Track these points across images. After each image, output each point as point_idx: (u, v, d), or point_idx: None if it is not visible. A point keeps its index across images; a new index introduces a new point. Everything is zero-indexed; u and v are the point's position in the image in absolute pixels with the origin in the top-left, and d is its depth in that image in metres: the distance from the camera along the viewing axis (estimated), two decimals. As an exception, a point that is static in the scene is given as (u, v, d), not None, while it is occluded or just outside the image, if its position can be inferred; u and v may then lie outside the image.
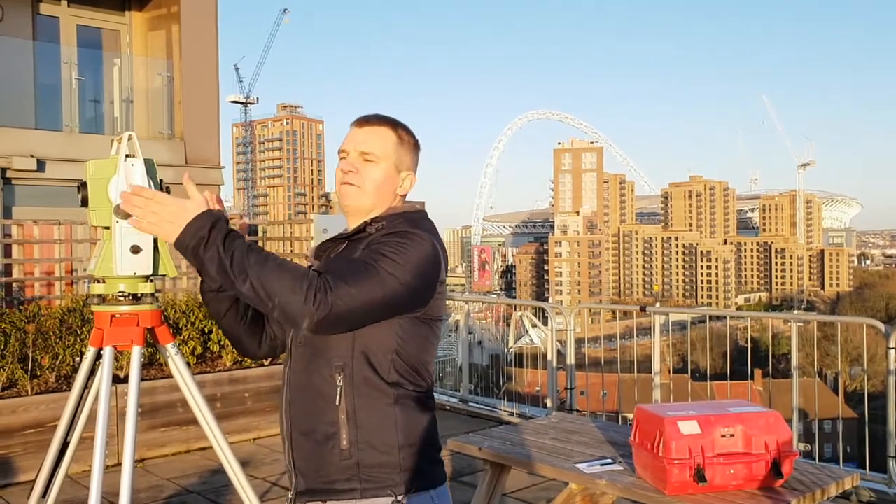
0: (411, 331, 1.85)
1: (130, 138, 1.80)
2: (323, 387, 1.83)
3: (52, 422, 5.63)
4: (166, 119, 11.77)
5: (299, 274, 1.68)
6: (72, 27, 11.62)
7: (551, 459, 3.35)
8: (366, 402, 1.82)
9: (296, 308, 1.65)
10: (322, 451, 1.84)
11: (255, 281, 1.65)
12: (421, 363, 1.89)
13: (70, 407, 1.86)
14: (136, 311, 1.81)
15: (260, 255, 1.69)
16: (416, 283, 1.79)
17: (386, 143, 1.94)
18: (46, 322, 6.22)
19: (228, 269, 1.66)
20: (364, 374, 1.82)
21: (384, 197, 1.94)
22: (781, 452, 2.82)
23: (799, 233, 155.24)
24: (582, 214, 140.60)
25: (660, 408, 3.04)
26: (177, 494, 5.30)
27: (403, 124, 2.00)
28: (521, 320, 41.77)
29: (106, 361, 1.77)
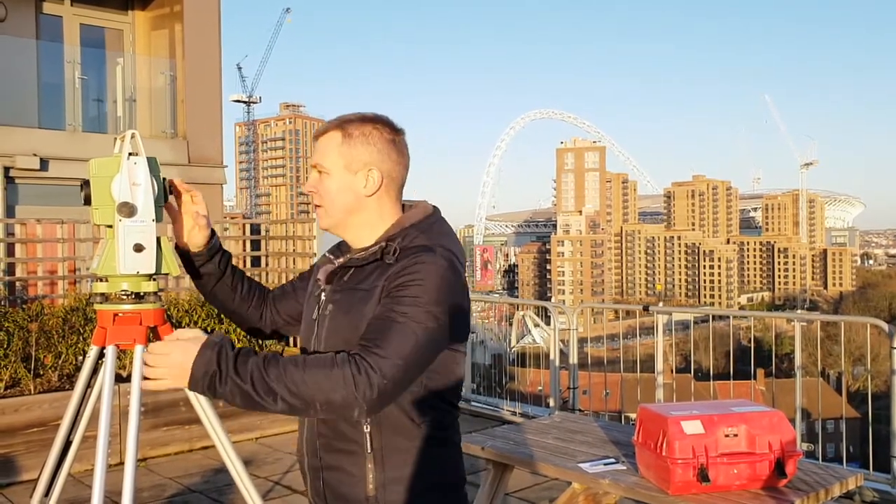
0: (439, 361, 1.73)
1: (133, 136, 1.79)
2: (347, 429, 1.74)
3: (55, 420, 5.64)
4: (169, 118, 11.78)
5: (327, 366, 1.58)
6: (75, 26, 11.64)
7: (554, 459, 3.34)
8: (393, 446, 1.73)
9: (341, 404, 1.57)
10: (348, 492, 1.76)
11: (286, 396, 1.56)
12: (450, 391, 1.80)
13: (73, 406, 1.86)
14: (139, 309, 1.80)
15: (278, 366, 1.58)
16: (446, 318, 1.68)
17: (331, 149, 1.79)
18: (49, 321, 6.23)
19: (254, 396, 1.56)
20: (393, 417, 1.72)
21: (348, 206, 1.80)
22: (785, 452, 2.81)
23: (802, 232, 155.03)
24: (584, 214, 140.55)
25: (663, 407, 3.04)
26: (179, 493, 5.30)
27: (358, 117, 1.81)
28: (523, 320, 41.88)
29: (109, 360, 1.76)
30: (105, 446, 1.74)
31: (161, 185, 1.83)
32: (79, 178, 7.94)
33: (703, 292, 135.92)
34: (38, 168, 10.00)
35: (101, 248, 1.81)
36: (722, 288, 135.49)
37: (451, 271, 1.71)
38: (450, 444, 1.82)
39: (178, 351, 1.60)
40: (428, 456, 1.75)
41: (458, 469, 1.85)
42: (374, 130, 1.80)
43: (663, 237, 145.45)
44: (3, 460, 5.41)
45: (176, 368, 1.59)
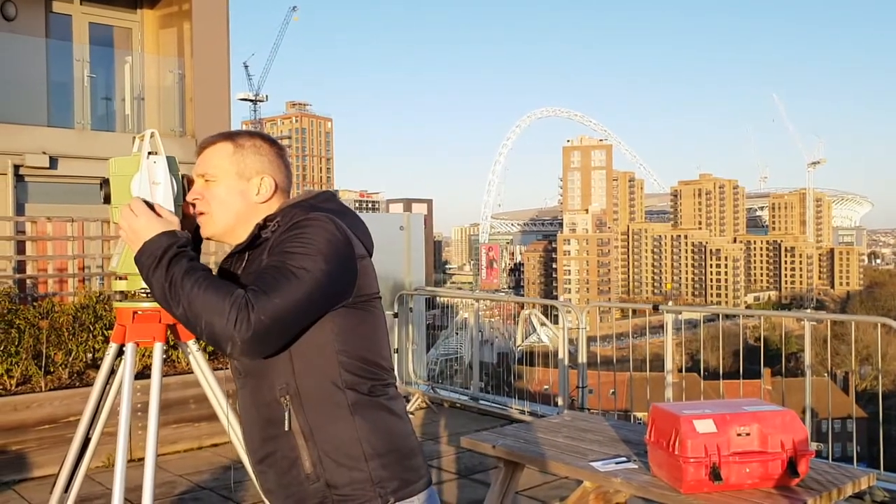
0: (348, 321, 1.74)
1: (153, 136, 1.81)
2: (272, 413, 1.75)
3: (66, 417, 5.67)
4: (178, 116, 11.82)
5: (225, 293, 1.61)
6: (84, 25, 11.68)
7: (565, 458, 3.35)
8: (321, 418, 1.73)
9: (219, 329, 1.59)
10: (287, 478, 1.76)
11: (185, 303, 1.61)
12: (371, 351, 1.78)
13: (92, 403, 1.88)
14: (158, 307, 1.82)
15: (194, 276, 1.64)
16: (333, 268, 1.68)
17: (221, 157, 1.83)
18: (59, 318, 6.25)
19: (166, 291, 1.63)
20: (313, 387, 1.72)
21: (239, 212, 1.83)
22: (797, 451, 2.81)
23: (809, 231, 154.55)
24: (591, 212, 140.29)
25: (675, 406, 3.04)
26: (189, 490, 5.32)
27: (246, 131, 1.90)
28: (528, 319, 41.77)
29: (128, 357, 1.78)
30: (125, 442, 1.76)
31: (180, 184, 1.84)
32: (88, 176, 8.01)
33: (709, 291, 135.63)
34: (48, 166, 10.04)
35: (121, 246, 1.83)
36: (728, 287, 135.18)
37: (337, 230, 1.72)
38: (384, 410, 1.79)
39: (144, 221, 1.72)
40: (360, 423, 1.74)
41: (400, 436, 1.81)
42: (264, 143, 1.88)
43: (670, 236, 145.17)
44: (15, 457, 5.44)
45: (134, 233, 1.72)
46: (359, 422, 1.75)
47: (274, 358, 1.69)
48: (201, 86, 11.47)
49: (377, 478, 1.74)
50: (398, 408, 1.84)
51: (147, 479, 1.75)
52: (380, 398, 1.79)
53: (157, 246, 1.68)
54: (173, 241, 1.69)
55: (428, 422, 7.08)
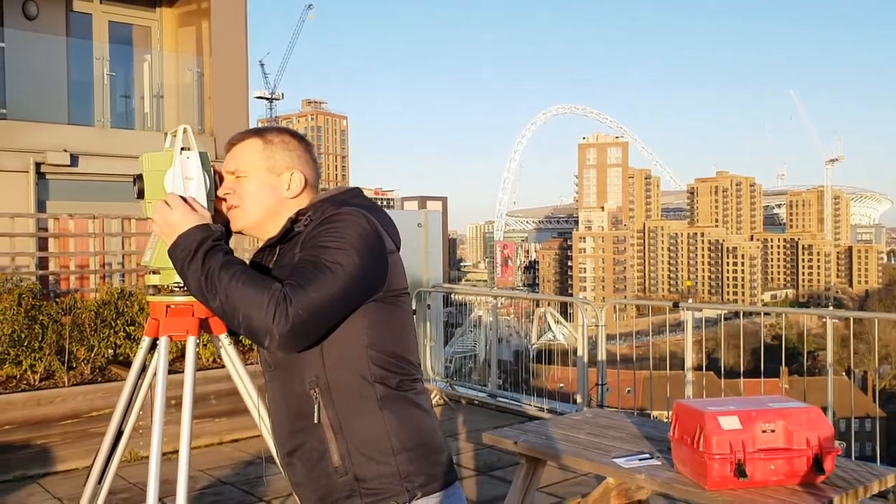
0: (378, 315, 1.75)
1: (186, 131, 1.82)
2: (301, 406, 1.76)
3: (89, 412, 5.73)
4: (196, 114, 11.88)
5: (263, 287, 1.62)
6: (104, 23, 11.77)
7: (588, 454, 3.35)
8: (349, 411, 1.74)
9: (257, 323, 1.60)
10: (316, 471, 1.77)
11: (222, 296, 1.63)
12: (400, 346, 1.80)
13: (125, 395, 1.90)
14: (191, 301, 1.84)
15: (232, 269, 1.65)
16: (365, 262, 1.70)
17: (252, 153, 1.85)
18: (82, 314, 6.31)
19: (203, 284, 1.65)
20: (342, 380, 1.74)
21: (270, 206, 1.85)
22: (823, 448, 2.79)
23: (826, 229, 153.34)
24: (606, 210, 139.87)
25: (700, 403, 3.03)
26: (211, 486, 5.36)
27: (274, 127, 1.91)
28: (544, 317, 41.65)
29: (162, 351, 1.80)
30: (160, 435, 1.78)
31: (212, 179, 1.86)
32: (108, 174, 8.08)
33: (726, 289, 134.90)
34: (69, 164, 10.13)
35: (154, 241, 1.85)
36: (745, 285, 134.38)
37: (369, 225, 1.74)
38: (412, 405, 1.80)
39: (179, 214, 1.74)
40: (388, 418, 1.75)
41: (427, 432, 1.82)
42: (292, 139, 1.90)
43: (686, 233, 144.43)
44: (39, 451, 5.50)
45: (168, 226, 1.74)
46: (387, 416, 1.76)
47: (304, 351, 1.71)
48: (220, 84, 11.53)
49: (404, 472, 1.76)
50: (425, 403, 1.85)
51: (181, 472, 1.78)
52: (408, 393, 1.81)
53: (191, 239, 1.70)
54: (208, 234, 1.72)
55: (446, 418, 7.10)
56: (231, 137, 1.88)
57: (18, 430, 5.46)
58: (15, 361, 5.85)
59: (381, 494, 1.74)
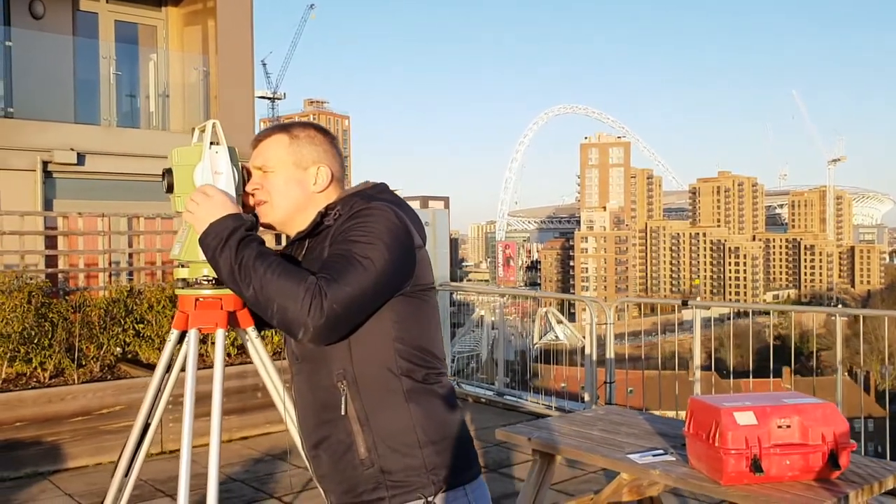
0: (405, 310, 1.76)
1: (214, 126, 1.84)
2: (328, 398, 1.77)
3: (99, 410, 5.74)
4: (202, 113, 11.91)
5: (299, 279, 1.63)
6: (110, 23, 11.79)
7: (602, 450, 3.36)
8: (377, 404, 1.75)
9: (292, 315, 1.61)
10: (342, 463, 1.78)
11: (256, 286, 1.63)
12: (427, 340, 1.81)
13: (152, 389, 1.91)
14: (220, 294, 1.85)
15: (267, 260, 1.66)
16: (395, 256, 1.71)
17: (278, 148, 1.87)
18: (91, 312, 6.33)
19: (236, 273, 1.66)
20: (369, 374, 1.75)
21: (297, 201, 1.86)
22: (839, 444, 2.80)
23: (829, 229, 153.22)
24: (608, 210, 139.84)
25: (715, 399, 3.04)
26: (221, 483, 5.34)
27: (299, 122, 1.93)
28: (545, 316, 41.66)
29: (192, 343, 1.81)
30: (190, 428, 1.79)
31: (241, 174, 1.87)
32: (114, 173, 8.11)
33: (728, 289, 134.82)
34: (75, 162, 10.15)
35: (183, 234, 1.86)
36: (747, 285, 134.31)
37: (397, 220, 1.75)
38: (438, 398, 1.81)
39: (212, 204, 1.75)
40: (415, 410, 1.76)
41: (453, 425, 1.83)
42: (318, 133, 1.91)
43: (688, 233, 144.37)
44: (49, 448, 5.52)
45: (199, 218, 1.75)
46: (413, 409, 1.77)
47: (333, 344, 1.72)
48: (226, 83, 11.55)
49: (430, 465, 1.76)
50: (451, 397, 1.86)
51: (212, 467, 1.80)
52: (433, 386, 1.81)
53: (222, 227, 1.71)
54: (240, 223, 1.73)
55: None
56: (258, 133, 1.90)
57: (29, 427, 5.48)
58: (25, 359, 5.87)
59: (407, 487, 1.74)
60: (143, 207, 8.79)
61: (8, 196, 9.52)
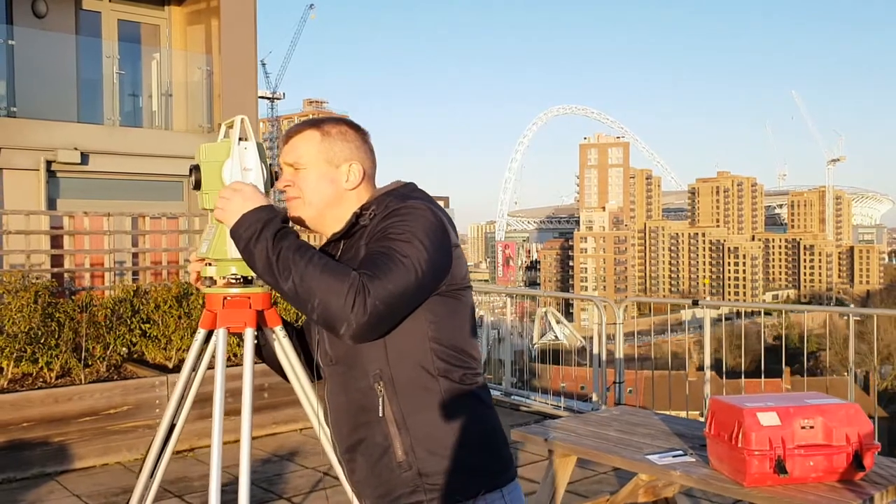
0: (441, 309, 1.73)
1: (243, 122, 1.81)
2: (364, 400, 1.74)
3: (106, 410, 5.71)
4: (205, 113, 11.87)
5: (342, 275, 1.59)
6: (113, 22, 11.76)
7: (621, 451, 3.33)
8: (414, 405, 1.72)
9: (335, 311, 1.57)
10: (379, 467, 1.74)
11: (296, 280, 1.59)
12: (463, 340, 1.77)
13: (178, 388, 1.88)
14: (248, 293, 1.82)
15: (308, 254, 1.63)
16: (434, 255, 1.68)
17: (310, 145, 1.83)
18: (98, 312, 6.30)
19: (274, 264, 1.62)
20: (406, 375, 1.71)
21: (329, 198, 1.82)
22: (863, 445, 2.78)
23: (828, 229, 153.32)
24: (608, 210, 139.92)
25: (737, 399, 3.01)
26: (230, 483, 5.30)
27: (331, 118, 1.89)
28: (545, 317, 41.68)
29: (220, 342, 1.78)
30: (220, 428, 1.77)
31: (269, 171, 1.84)
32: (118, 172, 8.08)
33: (727, 289, 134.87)
34: (79, 162, 10.12)
35: (210, 232, 1.83)
36: (747, 285, 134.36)
37: (435, 218, 1.72)
38: (475, 399, 1.78)
39: (242, 197, 1.71)
40: (451, 411, 1.73)
41: (490, 426, 1.80)
42: (350, 129, 1.87)
43: (687, 234, 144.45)
44: (57, 448, 5.49)
45: (231, 210, 1.71)
46: (451, 410, 1.74)
47: (368, 344, 1.68)
48: (229, 82, 11.52)
49: (469, 467, 1.73)
50: (487, 397, 1.83)
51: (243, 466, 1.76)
52: (471, 387, 1.78)
53: (256, 218, 1.68)
54: (274, 214, 1.70)
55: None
56: (288, 129, 1.86)
57: (36, 427, 5.44)
58: (31, 359, 5.84)
59: (446, 490, 1.71)
60: (146, 207, 8.77)
61: (12, 195, 9.49)
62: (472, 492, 1.72)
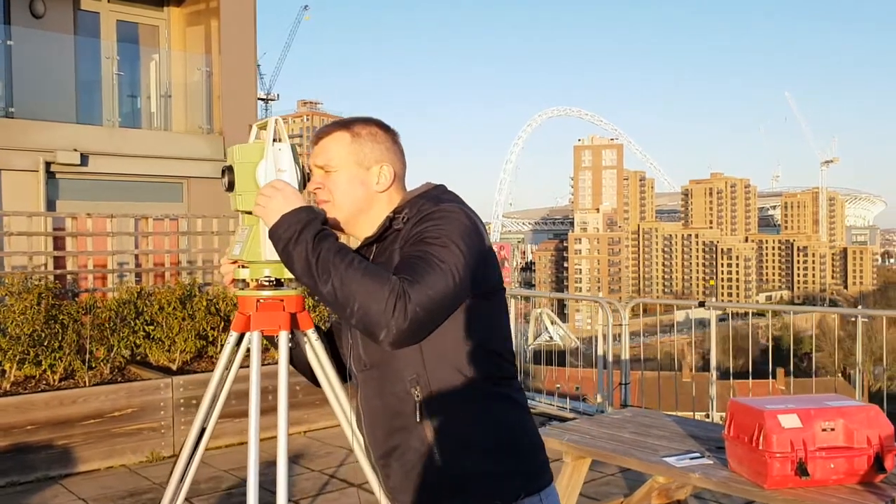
0: (476, 311, 1.70)
1: (277, 122, 1.79)
2: (400, 405, 1.71)
3: (111, 412, 5.68)
4: (205, 114, 11.82)
5: (383, 279, 1.58)
6: (112, 22, 11.70)
7: (637, 453, 3.32)
8: (451, 409, 1.69)
9: (375, 316, 1.55)
10: (417, 471, 1.72)
11: (336, 283, 1.57)
12: (498, 342, 1.76)
13: (210, 391, 1.86)
14: (281, 295, 1.80)
15: (348, 257, 1.61)
16: (470, 259, 1.66)
17: (340, 147, 1.80)
18: (102, 314, 6.26)
19: (313, 267, 1.60)
20: (442, 378, 1.69)
21: (360, 201, 1.80)
22: (884, 447, 2.77)
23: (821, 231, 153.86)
24: (602, 211, 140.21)
25: (757, 401, 3.01)
26: (236, 486, 5.31)
27: (361, 118, 1.85)
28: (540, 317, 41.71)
29: (255, 346, 1.76)
30: (256, 432, 1.75)
31: (303, 173, 1.83)
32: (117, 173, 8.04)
33: (720, 290, 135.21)
34: (79, 163, 10.07)
35: (243, 234, 1.81)
36: (740, 286, 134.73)
37: (469, 222, 1.71)
38: (511, 402, 1.77)
39: (283, 197, 1.70)
40: (489, 414, 1.71)
41: (527, 429, 1.78)
42: (380, 130, 1.85)
43: (681, 235, 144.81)
44: (61, 451, 5.45)
45: (271, 209, 1.68)
46: (488, 413, 1.72)
47: (403, 349, 1.66)
48: (229, 83, 11.47)
49: (507, 471, 1.71)
50: (523, 400, 1.82)
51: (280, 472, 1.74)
52: (507, 390, 1.77)
53: (296, 218, 1.66)
54: (314, 215, 1.68)
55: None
56: (317, 130, 1.84)
57: (40, 430, 5.40)
58: (34, 361, 5.80)
59: (484, 493, 1.69)
60: (146, 208, 8.72)
61: (10, 197, 9.44)
62: (510, 495, 1.70)
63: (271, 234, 1.68)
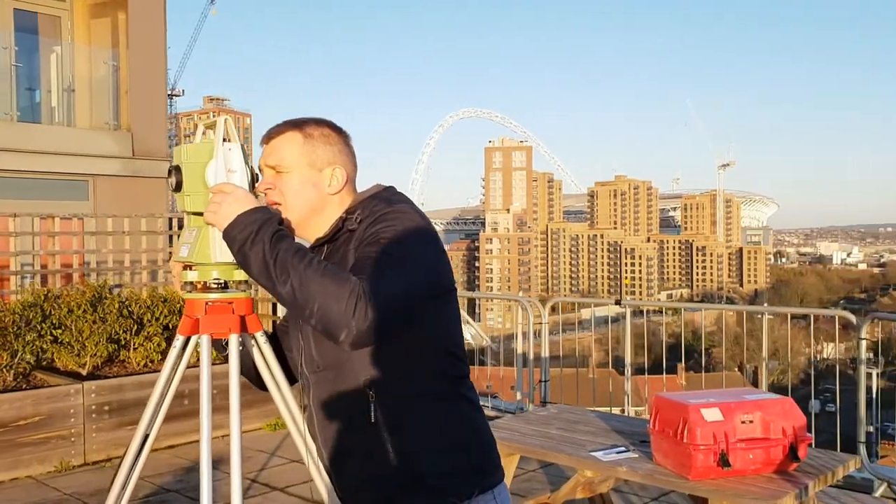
0: (430, 312, 1.71)
1: (227, 122, 1.75)
2: (354, 406, 1.71)
3: (16, 421, 5.43)
4: (112, 109, 11.38)
5: (343, 280, 1.56)
6: (8, 10, 11.11)
7: (565, 448, 3.40)
8: (406, 409, 1.70)
9: (335, 317, 1.54)
10: (371, 471, 1.72)
11: (295, 284, 1.55)
12: (452, 343, 1.77)
13: (155, 397, 1.81)
14: (231, 298, 1.76)
15: (307, 257, 1.59)
16: (427, 259, 1.68)
17: (292, 147, 1.78)
18: (5, 318, 5.97)
19: (271, 267, 1.57)
20: (397, 378, 1.70)
21: (312, 203, 1.78)
22: (798, 437, 2.93)
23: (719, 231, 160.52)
24: (512, 212, 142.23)
25: (681, 396, 3.13)
26: (155, 493, 5.16)
27: (312, 119, 1.83)
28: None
29: (205, 349, 1.72)
30: (209, 438, 1.71)
31: (252, 173, 1.79)
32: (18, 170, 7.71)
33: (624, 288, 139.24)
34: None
35: (191, 235, 1.76)
36: (643, 284, 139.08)
37: (423, 222, 1.72)
38: (465, 401, 1.78)
39: (234, 199, 1.66)
40: (444, 414, 1.73)
41: (480, 428, 1.80)
42: (332, 132, 1.83)
43: (587, 235, 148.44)
44: (-37, 463, 5.16)
45: (223, 213, 1.65)
46: (442, 413, 1.74)
47: (359, 349, 1.65)
48: (137, 77, 11.07)
49: (462, 469, 1.73)
50: (476, 399, 1.84)
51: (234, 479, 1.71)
52: (461, 389, 1.79)
53: (251, 219, 1.63)
54: (269, 215, 1.65)
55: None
56: (268, 130, 1.81)
57: (-62, 441, 5.11)
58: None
59: (440, 492, 1.71)
60: (50, 207, 8.33)
61: None
62: (465, 493, 1.72)
63: (226, 235, 1.64)
